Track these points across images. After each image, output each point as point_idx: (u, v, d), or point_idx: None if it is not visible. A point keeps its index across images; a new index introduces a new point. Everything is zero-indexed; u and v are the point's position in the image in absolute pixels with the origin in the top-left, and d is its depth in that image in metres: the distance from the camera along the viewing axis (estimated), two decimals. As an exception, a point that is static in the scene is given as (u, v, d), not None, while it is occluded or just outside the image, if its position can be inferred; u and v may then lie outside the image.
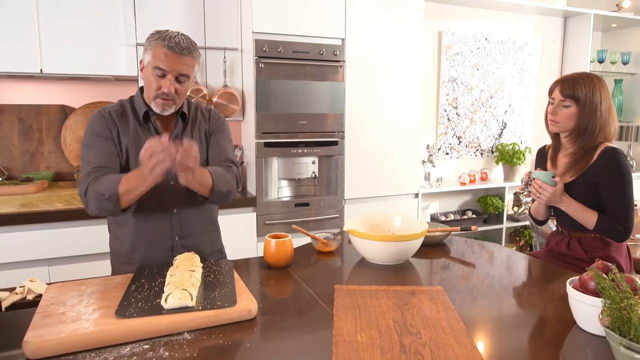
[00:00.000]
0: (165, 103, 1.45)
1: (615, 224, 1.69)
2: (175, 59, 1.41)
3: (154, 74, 1.42)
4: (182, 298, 1.09)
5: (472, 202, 4.00)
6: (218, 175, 1.48)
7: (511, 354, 1.01)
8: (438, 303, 1.19)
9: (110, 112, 1.51)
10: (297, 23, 2.70)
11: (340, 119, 2.89)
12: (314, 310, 1.22)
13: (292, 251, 1.55)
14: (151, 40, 1.43)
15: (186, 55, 1.42)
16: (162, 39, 1.40)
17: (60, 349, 0.97)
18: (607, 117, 1.74)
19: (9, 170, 2.67)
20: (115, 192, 1.32)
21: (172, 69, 1.41)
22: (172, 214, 1.56)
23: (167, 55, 1.40)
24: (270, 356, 1.01)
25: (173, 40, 1.40)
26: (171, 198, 1.54)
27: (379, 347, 0.97)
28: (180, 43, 1.41)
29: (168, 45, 1.39)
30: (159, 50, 1.40)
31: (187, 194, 1.53)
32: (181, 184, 1.39)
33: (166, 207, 1.54)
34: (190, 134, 1.58)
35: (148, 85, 1.47)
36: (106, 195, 1.33)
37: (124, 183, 1.33)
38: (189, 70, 1.45)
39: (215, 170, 1.48)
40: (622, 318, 0.84)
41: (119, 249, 1.57)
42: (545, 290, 1.40)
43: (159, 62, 1.40)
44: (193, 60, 1.46)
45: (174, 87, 1.43)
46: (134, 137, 1.50)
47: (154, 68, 1.41)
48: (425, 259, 1.68)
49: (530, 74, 4.08)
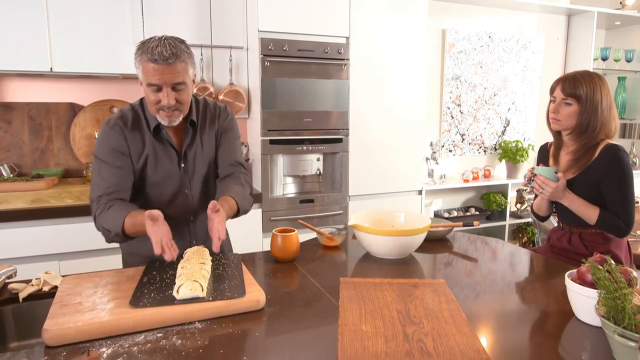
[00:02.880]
0: (170, 115, 1.42)
1: (617, 220, 1.72)
2: (164, 70, 1.34)
3: (150, 90, 1.38)
4: (193, 289, 1.14)
5: (475, 199, 4.03)
6: (241, 198, 1.51)
7: (514, 349, 1.03)
8: (440, 295, 1.23)
9: (124, 123, 1.48)
10: (302, 22, 2.73)
11: (344, 117, 2.92)
12: (320, 302, 1.26)
13: (298, 245, 1.59)
14: (137, 55, 1.37)
15: (174, 63, 1.34)
16: (145, 52, 1.34)
17: (78, 337, 1.01)
18: (608, 114, 1.76)
19: (19, 167, 2.72)
20: (120, 232, 1.35)
21: (164, 81, 1.35)
22: (190, 221, 1.60)
23: (155, 70, 1.33)
24: (279, 344, 1.05)
25: (155, 51, 1.32)
26: (189, 206, 1.58)
27: (382, 335, 1.01)
28: (163, 53, 1.32)
29: (152, 59, 1.32)
30: (146, 66, 1.34)
31: (203, 202, 1.58)
32: (195, 192, 1.50)
33: (184, 215, 1.58)
34: (200, 142, 1.57)
35: (148, 99, 1.43)
36: (112, 233, 1.37)
37: (130, 226, 1.34)
38: (183, 76, 1.38)
39: (237, 194, 1.50)
40: (617, 307, 0.87)
41: (137, 250, 1.56)
42: (547, 284, 1.43)
43: (150, 78, 1.35)
44: (183, 64, 1.38)
45: (174, 97, 1.39)
46: (149, 150, 1.50)
47: (148, 85, 1.37)
48: (429, 253, 1.72)
49: (533, 72, 4.09)
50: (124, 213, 1.35)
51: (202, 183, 1.61)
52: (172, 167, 1.54)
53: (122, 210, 1.37)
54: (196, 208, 1.60)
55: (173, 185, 1.55)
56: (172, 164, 1.54)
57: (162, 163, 1.52)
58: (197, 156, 1.57)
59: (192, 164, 1.57)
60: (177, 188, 1.55)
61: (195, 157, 1.57)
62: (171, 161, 1.53)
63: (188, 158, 1.56)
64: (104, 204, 1.41)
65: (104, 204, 1.41)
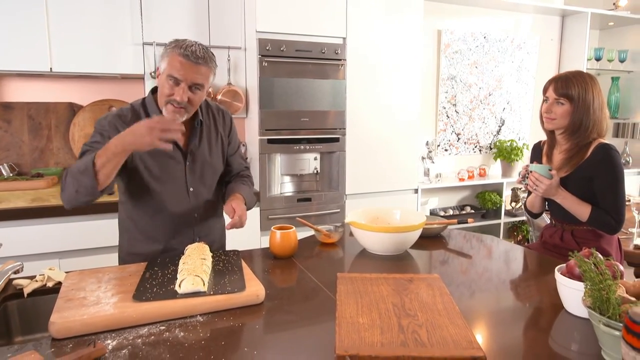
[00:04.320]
0: (176, 111, 1.44)
1: (608, 217, 1.76)
2: (190, 68, 1.40)
3: (168, 82, 1.42)
4: (195, 283, 1.17)
5: (470, 197, 4.07)
6: (249, 196, 1.67)
7: (509, 345, 1.06)
8: (435, 289, 1.27)
9: (126, 119, 1.49)
10: (299, 23, 2.77)
11: (341, 116, 2.96)
12: (318, 296, 1.30)
13: (296, 242, 1.62)
14: (168, 48, 1.43)
15: (201, 65, 1.42)
16: (178, 47, 1.40)
17: (84, 329, 1.04)
18: (600, 114, 1.80)
19: (19, 166, 2.75)
20: (91, 165, 1.28)
21: (186, 77, 1.41)
22: (194, 219, 1.63)
23: (182, 64, 1.39)
24: (278, 336, 1.08)
25: (189, 49, 1.39)
26: (193, 205, 1.62)
27: (378, 327, 1.04)
28: (196, 52, 1.40)
29: (184, 54, 1.39)
30: (175, 59, 1.40)
31: (207, 201, 1.65)
32: (200, 190, 1.58)
33: (188, 213, 1.61)
34: (207, 143, 1.62)
35: (161, 90, 1.46)
36: (82, 168, 1.30)
37: (102, 157, 1.29)
38: (204, 80, 1.44)
39: (247, 195, 1.65)
40: (602, 298, 0.91)
41: (135, 249, 1.60)
42: (540, 280, 1.47)
43: (174, 71, 1.40)
44: (208, 70, 1.45)
45: (187, 96, 1.43)
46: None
47: (168, 76, 1.41)
48: (424, 250, 1.75)
49: (528, 72, 4.14)
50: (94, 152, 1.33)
51: (207, 182, 1.64)
52: (176, 165, 1.57)
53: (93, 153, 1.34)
54: (200, 206, 1.63)
55: (177, 183, 1.58)
56: (176, 162, 1.57)
57: (165, 160, 1.55)
58: (202, 156, 1.61)
59: (197, 163, 1.60)
60: (181, 186, 1.58)
61: (201, 156, 1.61)
62: (175, 159, 1.56)
63: (194, 157, 1.59)
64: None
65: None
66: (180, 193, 1.58)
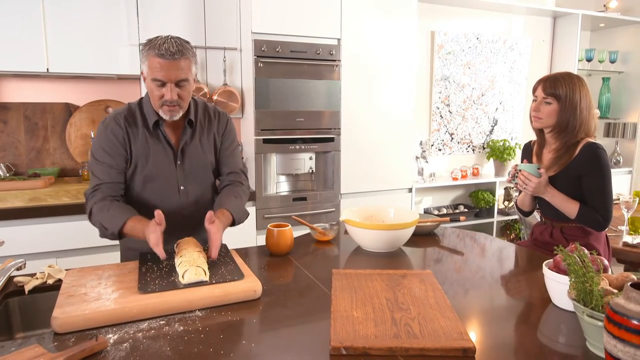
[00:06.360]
0: (171, 109, 1.49)
1: (596, 215, 1.81)
2: (170, 66, 1.42)
3: (154, 85, 1.46)
4: (197, 274, 1.22)
5: (464, 196, 4.12)
6: (238, 211, 1.61)
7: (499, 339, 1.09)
8: (427, 284, 1.30)
9: (120, 122, 1.55)
10: (294, 24, 2.80)
11: (336, 116, 2.99)
12: (314, 292, 1.33)
13: (292, 240, 1.66)
14: (144, 50, 1.46)
15: (179, 59, 1.43)
16: (153, 48, 1.42)
17: (85, 324, 1.07)
18: (587, 114, 1.85)
19: (15, 167, 2.76)
20: (117, 232, 1.44)
21: (169, 77, 1.43)
22: (184, 215, 1.65)
23: (161, 65, 1.41)
24: (276, 329, 1.12)
25: (163, 47, 1.40)
26: (184, 203, 1.65)
27: (372, 320, 1.08)
28: (170, 48, 1.40)
29: (159, 54, 1.40)
30: (153, 60, 1.42)
31: (199, 200, 1.67)
32: (190, 189, 1.59)
33: (180, 211, 1.64)
34: (199, 142, 1.64)
35: (151, 95, 1.50)
36: (109, 232, 1.46)
37: (129, 230, 1.43)
38: (186, 73, 1.46)
39: (233, 207, 1.59)
40: (585, 290, 0.95)
41: (135, 244, 1.61)
42: (530, 275, 1.51)
43: (156, 73, 1.43)
44: (188, 61, 1.46)
45: (176, 93, 1.46)
46: (143, 146, 1.57)
47: (153, 80, 1.44)
48: (417, 247, 1.79)
49: (520, 73, 4.20)
50: (125, 217, 1.44)
51: (199, 181, 1.67)
52: (167, 163, 1.60)
53: (123, 213, 1.46)
54: (192, 205, 1.66)
55: (168, 181, 1.61)
56: (167, 160, 1.60)
57: (157, 159, 1.58)
58: (194, 155, 1.64)
59: (188, 161, 1.63)
60: (172, 184, 1.62)
61: (192, 155, 1.64)
62: (167, 158, 1.60)
63: (185, 155, 1.62)
64: (100, 200, 1.49)
65: (100, 200, 1.49)
66: (171, 191, 1.62)
